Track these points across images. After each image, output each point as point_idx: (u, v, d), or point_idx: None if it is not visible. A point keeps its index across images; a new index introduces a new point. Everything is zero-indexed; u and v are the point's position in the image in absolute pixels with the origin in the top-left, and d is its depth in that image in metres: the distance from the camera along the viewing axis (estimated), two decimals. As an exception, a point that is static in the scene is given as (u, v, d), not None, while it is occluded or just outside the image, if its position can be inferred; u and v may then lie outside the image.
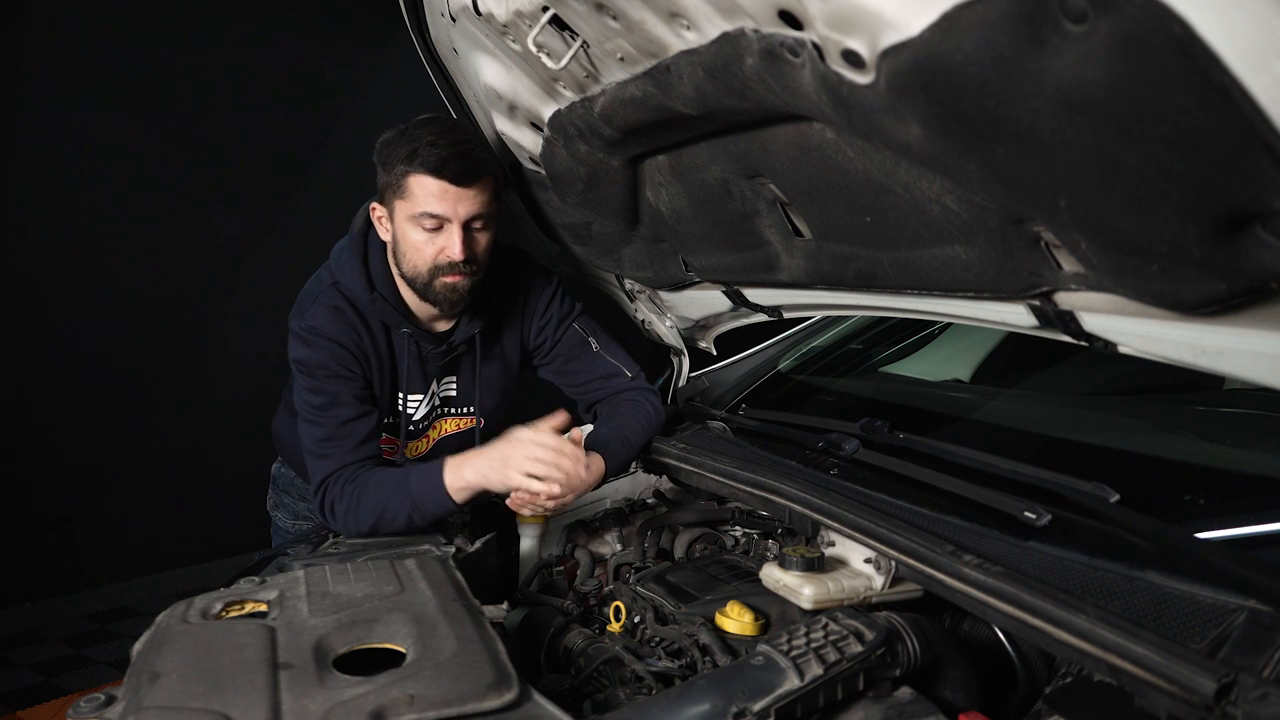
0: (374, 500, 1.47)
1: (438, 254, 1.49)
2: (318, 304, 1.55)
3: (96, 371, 3.42)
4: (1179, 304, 0.86)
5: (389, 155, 1.47)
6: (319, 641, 1.02)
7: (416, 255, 1.50)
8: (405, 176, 1.45)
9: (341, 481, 1.50)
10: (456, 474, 1.45)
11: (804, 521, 1.31)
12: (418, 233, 1.48)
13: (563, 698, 1.14)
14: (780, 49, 0.90)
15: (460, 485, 1.45)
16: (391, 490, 1.47)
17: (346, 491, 1.49)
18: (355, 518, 1.48)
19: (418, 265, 1.51)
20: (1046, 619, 0.92)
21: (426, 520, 1.48)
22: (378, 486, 1.48)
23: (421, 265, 1.50)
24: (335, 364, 1.53)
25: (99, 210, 3.34)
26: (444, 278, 1.51)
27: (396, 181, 1.46)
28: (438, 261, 1.49)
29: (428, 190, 1.44)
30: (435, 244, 1.49)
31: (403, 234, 1.50)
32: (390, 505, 1.46)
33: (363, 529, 1.48)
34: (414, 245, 1.50)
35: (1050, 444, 1.51)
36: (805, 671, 0.95)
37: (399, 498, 1.46)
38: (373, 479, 1.49)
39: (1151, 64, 0.61)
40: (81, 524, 3.48)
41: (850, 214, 1.16)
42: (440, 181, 1.43)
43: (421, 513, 1.47)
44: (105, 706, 0.92)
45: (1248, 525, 1.14)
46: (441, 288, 1.52)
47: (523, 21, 1.22)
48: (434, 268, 1.50)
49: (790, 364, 2.10)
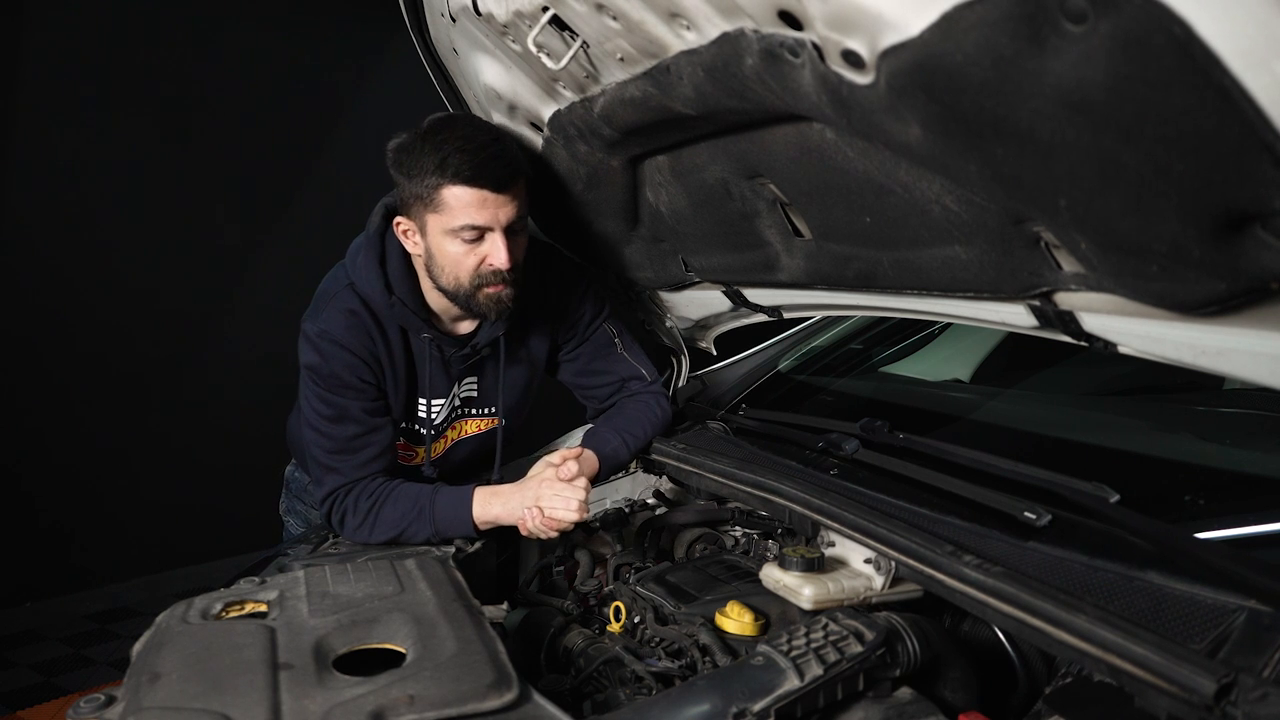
0: (393, 519, 1.46)
1: (480, 264, 1.41)
2: (332, 306, 1.48)
3: (97, 371, 3.42)
4: (1179, 304, 0.86)
5: (412, 165, 1.37)
6: (319, 642, 1.02)
7: (458, 268, 1.42)
8: (438, 190, 1.36)
9: (355, 495, 1.48)
10: (485, 508, 1.45)
11: (804, 522, 1.31)
12: (456, 245, 1.40)
13: (563, 698, 1.14)
14: (780, 49, 0.90)
15: (488, 519, 1.46)
16: (415, 513, 1.46)
17: (361, 506, 1.47)
18: (369, 532, 1.47)
19: (460, 278, 1.43)
20: (1046, 619, 0.92)
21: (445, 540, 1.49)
22: (396, 505, 1.47)
23: (464, 278, 1.43)
24: (348, 373, 1.47)
25: (98, 209, 3.34)
26: (488, 289, 1.43)
27: (428, 194, 1.37)
28: (481, 272, 1.42)
29: (464, 201, 1.35)
30: (477, 254, 1.40)
31: (439, 248, 1.42)
32: (411, 526, 1.47)
33: (374, 542, 1.48)
34: (453, 259, 1.41)
35: (1050, 444, 1.51)
36: (805, 672, 0.95)
37: (421, 521, 1.46)
38: (392, 496, 1.47)
39: (1151, 64, 0.61)
40: (81, 524, 3.48)
41: (850, 214, 1.16)
42: (479, 191, 1.35)
43: (441, 536, 1.48)
44: (105, 706, 0.92)
45: (1248, 525, 1.14)
46: (486, 299, 1.45)
47: (523, 21, 1.22)
48: (477, 279, 1.42)
49: (790, 364, 2.10)
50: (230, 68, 3.53)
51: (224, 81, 3.52)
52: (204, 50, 3.46)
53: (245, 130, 3.60)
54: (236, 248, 3.69)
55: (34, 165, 3.18)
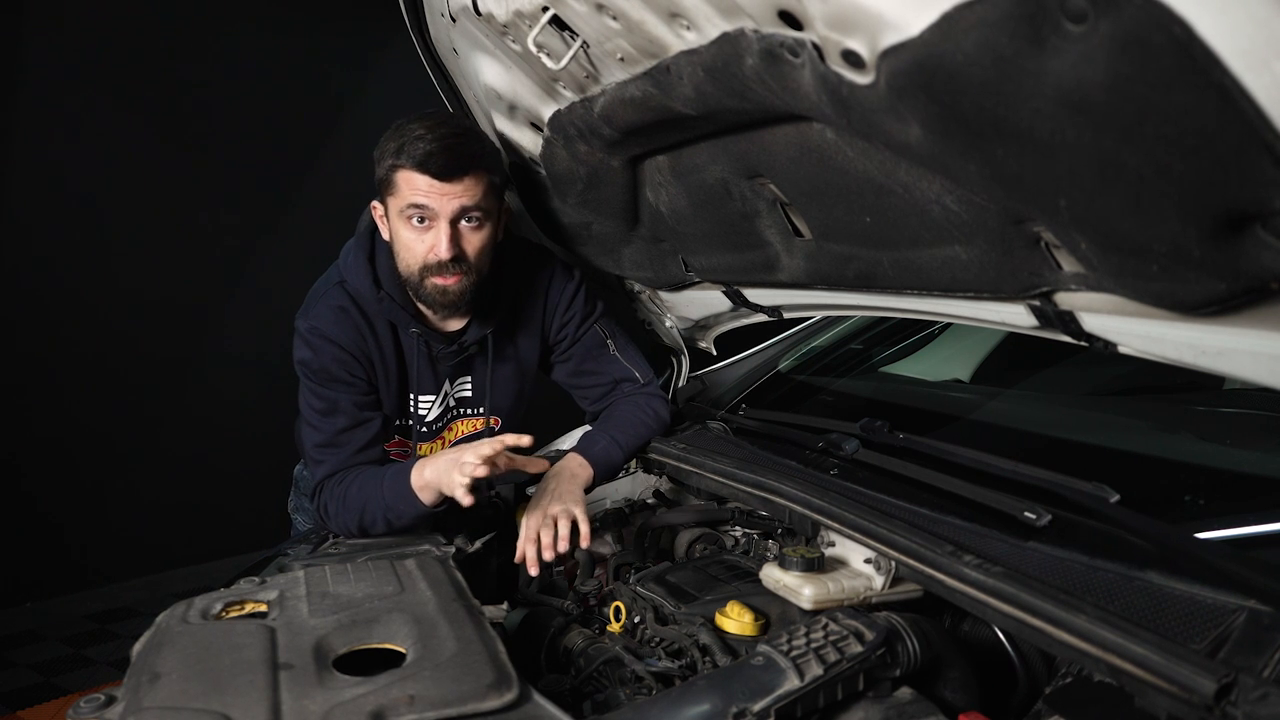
0: (356, 500, 1.46)
1: (427, 252, 1.45)
2: (322, 303, 1.53)
3: (97, 371, 3.42)
4: (1179, 304, 0.86)
5: (382, 149, 1.44)
6: (319, 642, 1.02)
7: (408, 254, 1.47)
8: (394, 171, 1.42)
9: (333, 484, 1.50)
10: (419, 473, 1.42)
11: (804, 522, 1.31)
12: (408, 230, 1.45)
13: (563, 698, 1.14)
14: (780, 49, 0.90)
15: (421, 484, 1.41)
16: (372, 490, 1.46)
17: (337, 493, 1.48)
18: (344, 519, 1.48)
19: (409, 264, 1.48)
20: (1046, 619, 0.92)
21: (402, 522, 1.45)
22: (360, 488, 1.47)
23: (413, 264, 1.47)
24: (337, 368, 1.51)
25: (98, 209, 3.34)
26: (433, 278, 1.47)
27: (387, 176, 1.44)
28: (426, 260, 1.46)
29: (413, 185, 1.41)
30: (425, 242, 1.45)
31: (396, 231, 1.48)
32: (369, 506, 1.45)
33: (352, 530, 1.48)
34: (405, 243, 1.47)
35: (1050, 444, 1.51)
36: (805, 672, 0.95)
37: (375, 499, 1.45)
38: (358, 479, 1.48)
39: (1151, 64, 0.61)
40: (81, 524, 3.48)
41: (850, 214, 1.16)
42: (424, 176, 1.40)
43: (396, 514, 1.44)
44: (105, 706, 0.92)
45: (1248, 525, 1.14)
46: (431, 289, 1.48)
47: (523, 21, 1.22)
48: (424, 267, 1.46)
49: (790, 364, 2.10)
50: (230, 67, 3.53)
51: (224, 81, 3.52)
52: (204, 50, 3.46)
53: (245, 130, 3.60)
54: (238, 247, 3.69)
55: (34, 165, 3.18)
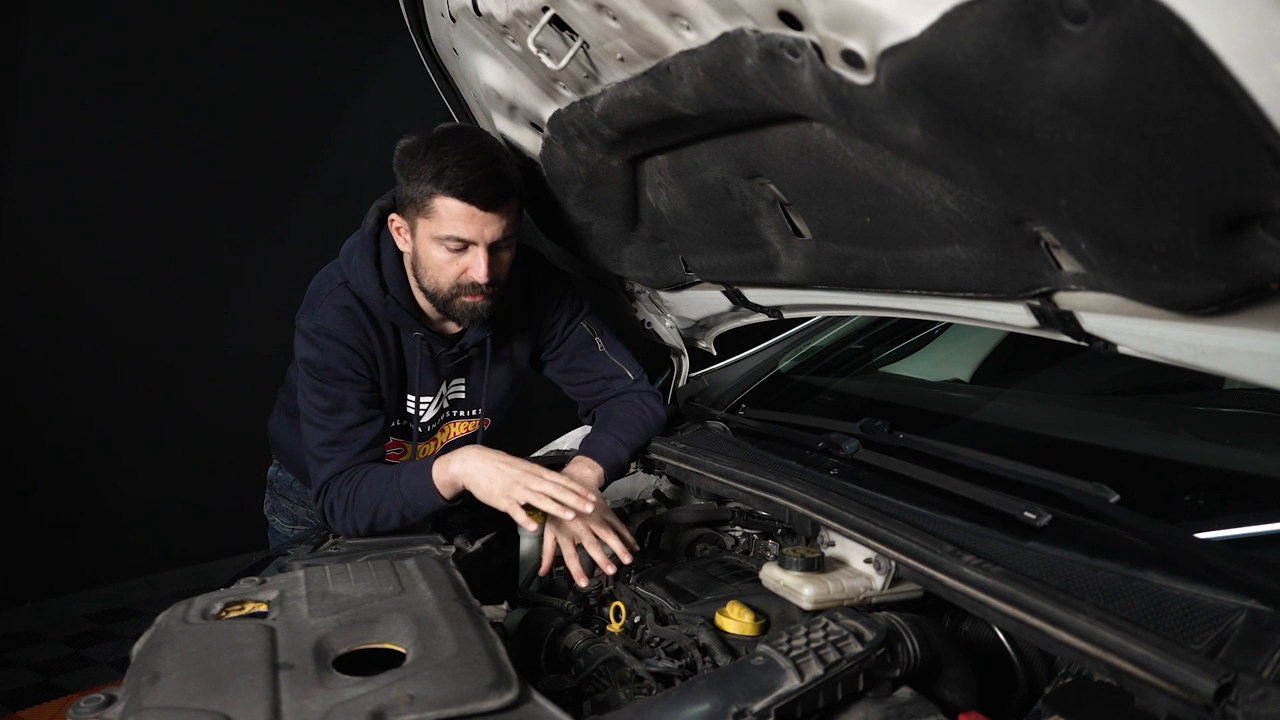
0: (368, 498, 1.46)
1: (460, 274, 1.46)
2: (327, 303, 1.53)
3: (96, 371, 3.42)
4: (1179, 304, 0.86)
5: (413, 170, 1.42)
6: (319, 642, 1.02)
7: (439, 273, 1.48)
8: (431, 197, 1.41)
9: (340, 483, 1.50)
10: (444, 468, 1.44)
11: (804, 521, 1.31)
12: (441, 252, 1.45)
13: (563, 698, 1.14)
14: (780, 49, 0.90)
15: (446, 480, 1.44)
16: (384, 487, 1.46)
17: (344, 492, 1.48)
18: (352, 518, 1.48)
19: (439, 283, 1.48)
20: (1046, 619, 0.92)
21: (419, 517, 1.47)
22: (371, 485, 1.47)
23: (444, 283, 1.48)
24: (343, 366, 1.52)
25: (98, 210, 3.34)
26: (465, 298, 1.49)
27: (422, 200, 1.42)
28: (460, 281, 1.47)
29: (453, 214, 1.40)
30: (459, 264, 1.46)
31: (424, 251, 1.47)
32: (384, 503, 1.46)
33: (360, 529, 1.48)
34: (436, 264, 1.47)
35: (1050, 444, 1.51)
36: (805, 672, 0.95)
37: (391, 495, 1.46)
38: (367, 477, 1.48)
39: (1151, 64, 0.61)
40: (81, 524, 3.48)
41: (850, 214, 1.16)
42: (468, 206, 1.40)
43: (414, 509, 1.46)
44: (105, 707, 0.92)
45: (1248, 525, 1.14)
46: (461, 306, 1.51)
47: (523, 22, 1.22)
48: (456, 287, 1.48)
49: (790, 364, 2.10)
50: (230, 68, 3.53)
51: (224, 81, 3.52)
52: (204, 50, 3.47)
53: (245, 130, 3.60)
54: (239, 247, 3.69)
55: (34, 165, 3.18)
